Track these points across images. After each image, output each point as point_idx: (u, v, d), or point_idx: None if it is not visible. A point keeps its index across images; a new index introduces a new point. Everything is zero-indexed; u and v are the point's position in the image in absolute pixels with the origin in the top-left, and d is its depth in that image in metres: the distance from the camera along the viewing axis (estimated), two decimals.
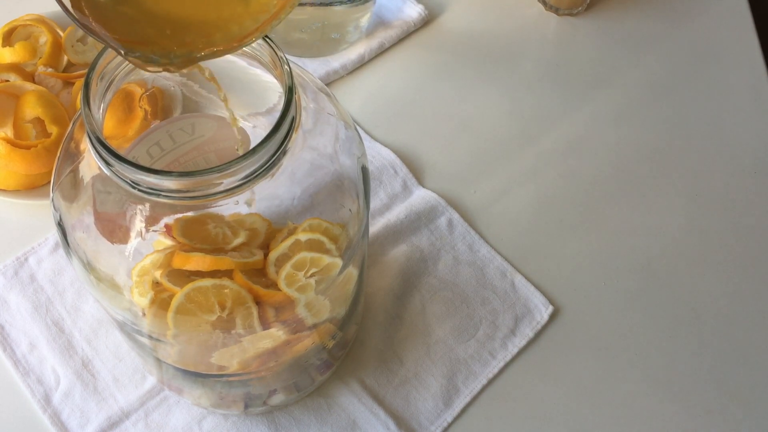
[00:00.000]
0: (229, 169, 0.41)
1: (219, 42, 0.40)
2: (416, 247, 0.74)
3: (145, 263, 0.47)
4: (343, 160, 0.51)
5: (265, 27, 0.40)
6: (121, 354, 0.67)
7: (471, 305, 0.72)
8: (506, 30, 0.94)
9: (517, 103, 0.87)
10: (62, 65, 0.81)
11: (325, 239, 0.50)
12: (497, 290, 0.72)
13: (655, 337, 0.72)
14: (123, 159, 0.40)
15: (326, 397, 0.66)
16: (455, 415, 0.66)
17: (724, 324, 0.72)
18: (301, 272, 0.49)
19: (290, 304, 0.49)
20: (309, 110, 0.48)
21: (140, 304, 0.48)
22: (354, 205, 0.51)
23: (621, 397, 0.68)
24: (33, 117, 0.72)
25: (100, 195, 0.47)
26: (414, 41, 0.92)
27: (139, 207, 0.45)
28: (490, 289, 0.73)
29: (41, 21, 0.80)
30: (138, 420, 0.65)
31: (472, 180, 0.80)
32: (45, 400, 0.65)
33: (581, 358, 0.70)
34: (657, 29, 0.95)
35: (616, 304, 0.73)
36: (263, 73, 0.48)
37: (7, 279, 0.71)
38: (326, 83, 0.86)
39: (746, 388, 0.69)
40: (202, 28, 0.40)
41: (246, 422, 0.65)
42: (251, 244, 0.49)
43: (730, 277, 0.75)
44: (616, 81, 0.90)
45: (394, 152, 0.81)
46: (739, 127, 0.86)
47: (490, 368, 0.69)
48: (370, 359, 0.68)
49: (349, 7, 0.84)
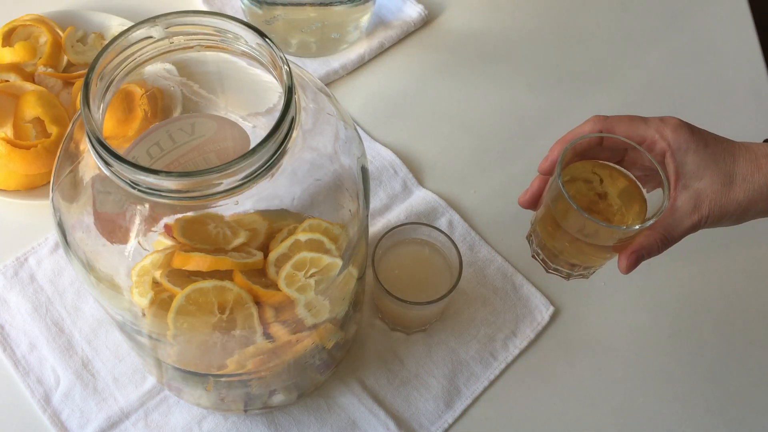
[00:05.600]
0: (229, 169, 0.41)
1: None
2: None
3: (145, 263, 0.47)
4: (343, 160, 0.51)
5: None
6: (121, 354, 0.67)
7: (472, 306, 0.72)
8: (506, 30, 0.94)
9: (517, 103, 0.87)
10: (62, 65, 0.81)
11: (325, 239, 0.50)
12: (498, 291, 0.72)
13: (655, 337, 0.71)
14: (123, 159, 0.40)
15: (326, 397, 0.66)
16: (456, 417, 0.66)
17: (724, 324, 0.72)
18: (301, 272, 0.49)
19: (290, 304, 0.49)
20: (309, 110, 0.48)
21: (140, 304, 0.48)
22: (354, 205, 0.51)
23: (621, 397, 0.68)
24: (33, 117, 0.72)
25: (99, 195, 0.47)
26: (414, 41, 0.92)
27: (139, 207, 0.45)
28: (491, 290, 0.73)
29: (41, 21, 0.80)
30: (138, 420, 0.64)
31: (472, 180, 0.80)
32: (45, 400, 0.65)
33: (582, 358, 0.70)
34: (657, 29, 0.95)
35: (616, 304, 0.73)
36: (263, 73, 0.48)
37: (7, 279, 0.71)
38: (326, 83, 0.86)
39: (746, 388, 0.69)
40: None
41: (246, 422, 0.65)
42: (251, 244, 0.49)
43: (729, 278, 0.75)
44: (616, 81, 0.90)
45: (394, 152, 0.81)
46: (739, 127, 0.86)
47: (491, 369, 0.69)
48: (370, 360, 0.68)
49: (349, 7, 0.84)
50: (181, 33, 0.47)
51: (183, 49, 0.48)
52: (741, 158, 0.54)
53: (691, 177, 0.54)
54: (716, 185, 0.53)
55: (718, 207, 0.53)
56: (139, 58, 0.47)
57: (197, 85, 0.57)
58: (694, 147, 0.54)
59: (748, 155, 0.54)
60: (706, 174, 0.53)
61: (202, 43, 0.47)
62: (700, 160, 0.53)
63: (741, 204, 0.53)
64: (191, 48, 0.48)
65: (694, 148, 0.54)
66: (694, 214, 0.53)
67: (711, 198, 0.53)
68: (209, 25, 0.46)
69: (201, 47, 0.48)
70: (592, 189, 0.55)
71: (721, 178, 0.53)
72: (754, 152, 0.54)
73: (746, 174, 0.54)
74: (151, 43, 0.46)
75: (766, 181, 0.53)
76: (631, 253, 0.54)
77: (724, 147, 0.54)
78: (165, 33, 0.46)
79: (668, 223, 0.54)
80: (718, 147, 0.54)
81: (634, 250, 0.54)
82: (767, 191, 0.53)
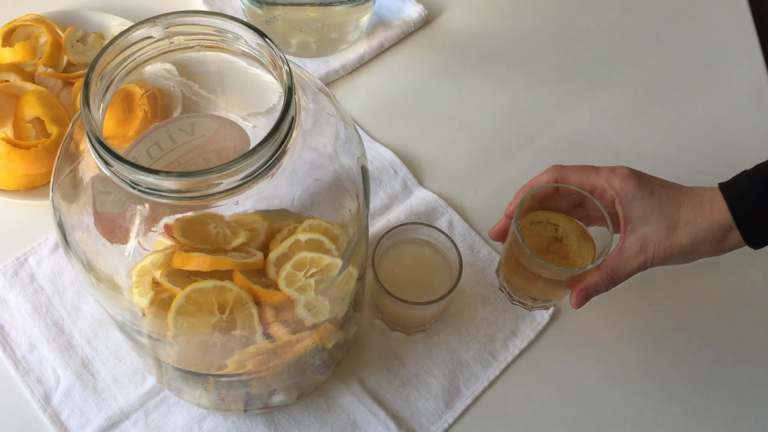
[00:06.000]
0: (229, 169, 0.41)
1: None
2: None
3: (145, 263, 0.47)
4: (343, 160, 0.51)
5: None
6: (121, 354, 0.67)
7: (472, 306, 0.72)
8: (506, 30, 0.94)
9: (517, 103, 0.87)
10: (62, 65, 0.81)
11: (325, 239, 0.50)
12: (498, 291, 0.72)
13: (655, 337, 0.71)
14: (122, 159, 0.40)
15: (326, 398, 0.66)
16: (456, 417, 0.66)
17: (724, 324, 0.72)
18: (301, 272, 0.49)
19: (290, 304, 0.49)
20: (309, 110, 0.48)
21: (140, 304, 0.48)
22: (354, 205, 0.51)
23: (622, 397, 0.68)
24: (33, 117, 0.72)
25: (99, 195, 0.47)
26: (414, 41, 0.92)
27: (139, 207, 0.45)
28: (491, 290, 0.73)
29: (41, 21, 0.80)
30: (138, 420, 0.64)
31: (472, 180, 0.80)
32: (45, 400, 0.65)
33: (582, 358, 0.70)
34: (657, 29, 0.95)
35: (616, 304, 0.73)
36: (263, 73, 0.48)
37: (7, 279, 0.71)
38: (326, 83, 0.86)
39: (746, 388, 0.69)
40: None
41: (246, 422, 0.65)
42: (251, 244, 0.49)
43: (729, 278, 0.75)
44: (616, 81, 0.90)
45: (394, 152, 0.81)
46: (739, 127, 0.86)
47: (491, 369, 0.69)
48: (370, 360, 0.68)
49: (349, 7, 0.84)
50: (181, 33, 0.47)
51: (183, 49, 0.48)
52: (685, 204, 0.59)
53: (638, 222, 0.58)
54: (661, 230, 0.58)
55: (662, 249, 0.58)
56: (139, 58, 0.47)
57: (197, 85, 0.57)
58: (640, 195, 0.58)
59: (693, 200, 0.59)
60: (651, 219, 0.58)
61: (202, 43, 0.47)
62: (646, 207, 0.58)
63: (684, 246, 0.58)
64: (191, 48, 0.48)
65: (640, 196, 0.58)
66: (640, 256, 0.58)
67: (656, 241, 0.58)
68: (209, 25, 0.46)
69: (201, 47, 0.48)
70: (550, 232, 0.62)
71: (666, 222, 0.58)
72: (699, 197, 0.59)
73: (689, 219, 0.58)
74: (151, 43, 0.46)
75: (708, 225, 0.58)
76: (579, 291, 0.59)
77: (670, 194, 0.59)
78: (165, 33, 0.46)
79: (616, 263, 0.59)
80: (663, 194, 0.59)
81: (582, 288, 0.59)
82: (709, 234, 0.58)
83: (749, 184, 0.58)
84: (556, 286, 0.61)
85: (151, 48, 0.47)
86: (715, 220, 0.58)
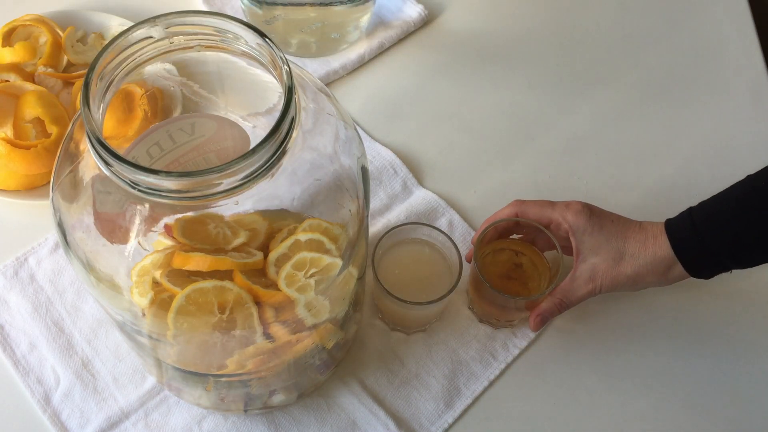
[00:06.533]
0: (229, 169, 0.41)
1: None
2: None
3: (145, 263, 0.47)
4: (343, 160, 0.51)
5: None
6: (121, 354, 0.67)
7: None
8: (506, 30, 0.94)
9: (517, 103, 0.87)
10: (62, 65, 0.81)
11: (325, 239, 0.50)
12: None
13: (655, 337, 0.71)
14: (122, 159, 0.40)
15: (326, 398, 0.66)
16: (456, 417, 0.66)
17: (724, 324, 0.72)
18: (301, 272, 0.49)
19: (290, 304, 0.49)
20: (309, 110, 0.48)
21: (140, 304, 0.48)
22: (354, 205, 0.51)
23: (622, 397, 0.68)
24: (33, 117, 0.72)
25: (99, 195, 0.47)
26: (414, 41, 0.92)
27: (139, 207, 0.45)
28: None
29: (41, 21, 0.80)
30: (138, 420, 0.64)
31: (472, 180, 0.80)
32: (45, 400, 0.65)
33: (581, 358, 0.70)
34: (657, 29, 0.95)
35: (616, 304, 0.73)
36: (263, 73, 0.48)
37: (7, 279, 0.71)
38: (326, 83, 0.86)
39: (746, 388, 0.69)
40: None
41: (246, 422, 0.65)
42: (251, 244, 0.49)
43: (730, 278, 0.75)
44: (616, 81, 0.90)
45: (394, 152, 0.81)
46: (739, 127, 0.86)
47: (491, 369, 0.69)
48: (370, 360, 0.68)
49: (349, 7, 0.84)
50: (181, 33, 0.47)
51: (183, 49, 0.48)
52: (631, 239, 0.64)
53: (588, 253, 0.65)
54: (608, 261, 0.64)
55: (609, 279, 0.64)
56: (139, 58, 0.47)
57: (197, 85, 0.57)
58: (590, 229, 0.65)
59: (639, 236, 0.64)
60: (600, 251, 0.64)
61: (202, 43, 0.47)
62: (595, 240, 0.64)
63: (630, 277, 0.64)
64: (191, 48, 0.48)
65: (590, 230, 0.65)
66: (589, 284, 0.65)
67: (603, 271, 0.64)
68: (209, 25, 0.46)
69: (201, 47, 0.48)
70: (511, 259, 0.70)
71: (613, 254, 0.64)
72: (645, 232, 0.64)
73: (634, 252, 0.64)
74: (151, 43, 0.46)
75: (652, 258, 0.63)
76: (536, 316, 0.66)
77: (619, 228, 0.65)
78: (165, 33, 0.46)
79: (568, 289, 0.65)
80: (612, 228, 0.65)
81: (537, 313, 0.66)
82: (653, 267, 0.63)
83: (690, 223, 0.63)
84: (513, 309, 0.67)
85: (151, 48, 0.47)
86: (658, 255, 0.63)
